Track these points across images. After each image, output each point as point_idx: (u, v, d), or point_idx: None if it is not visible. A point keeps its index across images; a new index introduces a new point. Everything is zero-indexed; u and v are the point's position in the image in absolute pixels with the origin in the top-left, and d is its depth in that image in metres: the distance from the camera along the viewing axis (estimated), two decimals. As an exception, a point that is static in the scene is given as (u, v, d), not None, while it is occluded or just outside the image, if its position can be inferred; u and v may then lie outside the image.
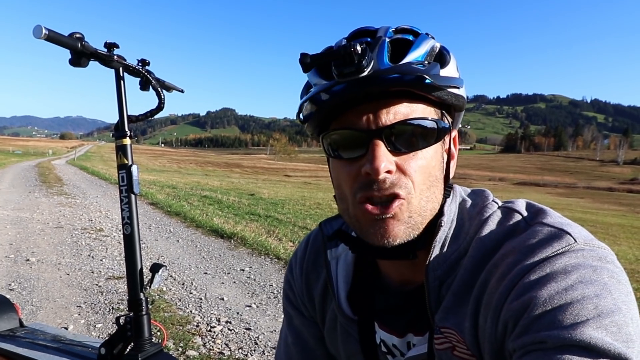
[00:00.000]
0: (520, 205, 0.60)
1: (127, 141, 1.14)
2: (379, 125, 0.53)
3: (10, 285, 3.61)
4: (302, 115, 0.60)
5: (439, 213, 0.59)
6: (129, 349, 1.09)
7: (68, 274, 3.97)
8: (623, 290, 0.47)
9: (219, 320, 3.08)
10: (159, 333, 2.71)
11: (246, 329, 2.96)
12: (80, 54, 1.03)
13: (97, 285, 3.71)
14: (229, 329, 2.94)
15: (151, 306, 3.22)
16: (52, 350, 1.14)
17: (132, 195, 1.12)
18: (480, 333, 0.53)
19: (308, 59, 0.53)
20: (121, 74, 1.14)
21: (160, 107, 1.18)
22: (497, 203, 0.62)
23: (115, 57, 1.11)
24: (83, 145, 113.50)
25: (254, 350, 2.67)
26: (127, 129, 1.14)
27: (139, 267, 1.12)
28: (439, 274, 0.57)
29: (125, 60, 1.15)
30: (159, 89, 1.18)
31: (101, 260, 4.47)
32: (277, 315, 3.23)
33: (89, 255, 4.63)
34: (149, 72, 1.19)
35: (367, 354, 0.68)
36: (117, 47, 1.11)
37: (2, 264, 4.18)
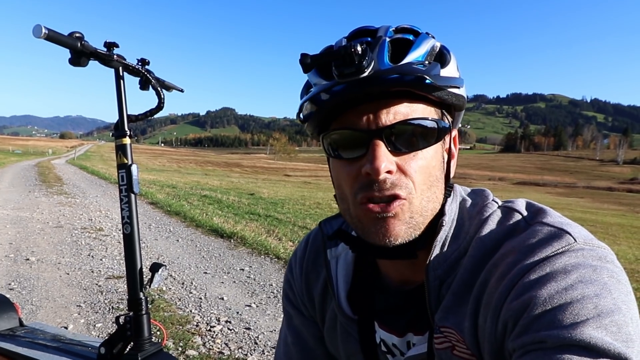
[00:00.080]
0: (520, 204, 0.60)
1: (126, 141, 1.14)
2: (379, 125, 0.54)
3: (10, 284, 3.61)
4: (302, 115, 0.60)
5: (440, 213, 0.59)
6: (129, 349, 1.09)
7: (68, 274, 3.97)
8: (623, 290, 0.47)
9: (218, 320, 3.08)
10: (158, 332, 2.71)
11: (246, 328, 2.96)
12: (80, 54, 1.03)
13: (96, 284, 3.71)
14: (228, 329, 2.94)
15: (151, 306, 3.22)
16: (51, 349, 1.14)
17: (132, 195, 1.12)
18: (480, 333, 0.53)
19: (308, 60, 0.53)
20: (121, 74, 1.14)
21: (160, 106, 1.18)
22: (497, 202, 0.62)
23: (115, 56, 1.11)
24: (83, 144, 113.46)
25: (254, 349, 2.67)
26: (126, 129, 1.14)
27: (138, 266, 1.12)
28: (439, 274, 0.57)
29: (125, 59, 1.15)
30: (159, 89, 1.18)
31: (101, 259, 4.47)
32: (277, 314, 3.23)
33: (89, 255, 4.63)
34: (149, 71, 1.20)
35: (367, 354, 0.68)
36: (117, 46, 1.11)
37: (2, 264, 4.18)
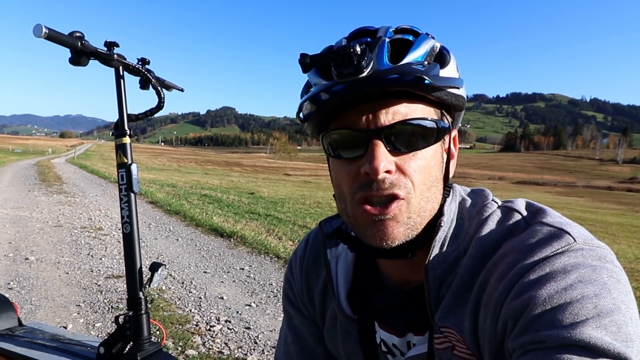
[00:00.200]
0: (520, 204, 0.60)
1: (126, 140, 1.14)
2: (378, 125, 0.54)
3: (9, 284, 3.61)
4: (302, 114, 0.61)
5: (439, 213, 0.59)
6: (128, 348, 1.09)
7: (67, 273, 3.97)
8: (622, 290, 0.47)
9: (218, 319, 3.08)
10: (158, 332, 2.71)
11: (246, 328, 2.97)
12: (80, 53, 1.03)
13: (96, 284, 3.71)
14: (228, 328, 2.94)
15: (150, 305, 3.22)
16: (51, 349, 1.14)
17: (132, 194, 1.12)
18: (480, 332, 0.53)
19: (307, 60, 0.53)
20: (121, 73, 1.14)
21: (160, 105, 1.18)
22: (496, 202, 0.62)
23: (115, 56, 1.11)
24: (83, 143, 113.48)
25: (254, 349, 2.67)
26: (126, 128, 1.14)
27: (138, 266, 1.12)
28: (438, 274, 0.58)
29: (125, 59, 1.15)
30: (159, 88, 1.18)
31: (100, 259, 4.47)
32: (277, 314, 3.23)
33: (89, 254, 4.63)
34: (149, 70, 1.20)
35: (367, 354, 0.68)
36: (117, 46, 1.11)
37: (1, 263, 4.18)
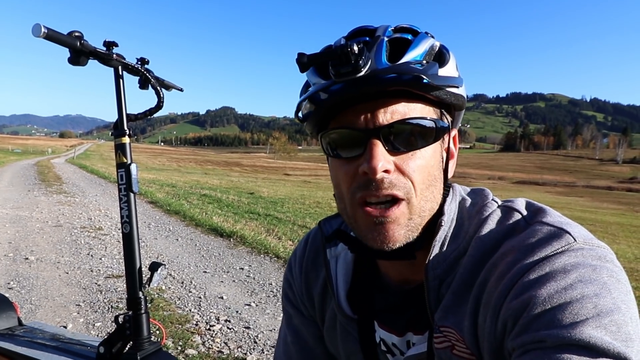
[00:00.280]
0: (520, 204, 0.60)
1: (126, 140, 1.14)
2: (376, 124, 0.53)
3: (9, 283, 3.61)
4: (301, 114, 0.61)
5: (439, 212, 0.59)
6: (128, 348, 1.09)
7: (67, 273, 3.97)
8: (622, 290, 0.47)
9: (218, 319, 3.08)
10: (157, 332, 2.71)
11: (245, 327, 2.96)
12: (80, 53, 1.03)
13: (96, 283, 3.71)
14: (228, 328, 2.94)
15: (150, 305, 3.22)
16: (51, 349, 1.14)
17: (131, 194, 1.12)
18: (480, 332, 0.53)
19: (305, 59, 0.53)
20: (120, 73, 1.14)
21: (159, 105, 1.18)
22: (496, 202, 0.62)
23: (115, 55, 1.11)
24: (82, 143, 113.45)
25: (253, 349, 2.67)
26: (126, 128, 1.14)
27: (138, 265, 1.12)
28: (438, 273, 0.57)
29: (125, 58, 1.14)
30: (158, 88, 1.18)
31: (100, 258, 4.47)
32: (277, 313, 3.23)
33: (88, 254, 4.63)
34: (148, 70, 1.19)
35: (367, 353, 0.68)
36: (116, 45, 1.11)
37: (1, 263, 4.17)
